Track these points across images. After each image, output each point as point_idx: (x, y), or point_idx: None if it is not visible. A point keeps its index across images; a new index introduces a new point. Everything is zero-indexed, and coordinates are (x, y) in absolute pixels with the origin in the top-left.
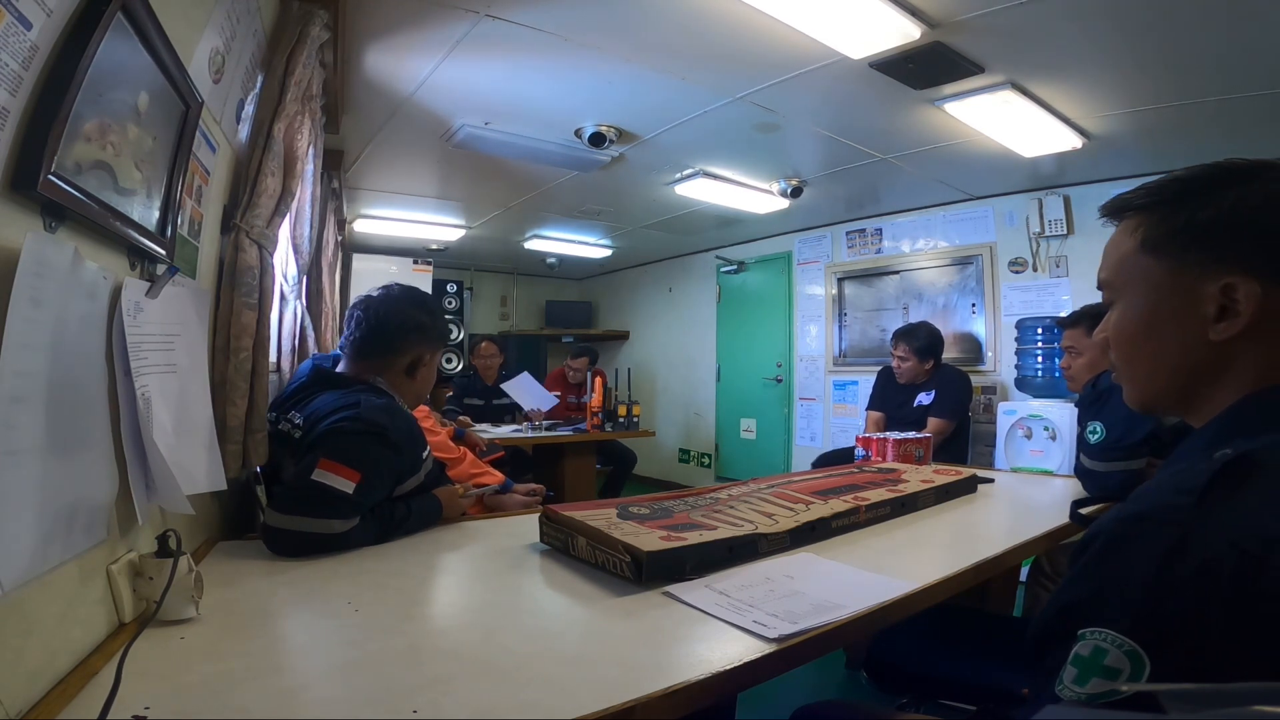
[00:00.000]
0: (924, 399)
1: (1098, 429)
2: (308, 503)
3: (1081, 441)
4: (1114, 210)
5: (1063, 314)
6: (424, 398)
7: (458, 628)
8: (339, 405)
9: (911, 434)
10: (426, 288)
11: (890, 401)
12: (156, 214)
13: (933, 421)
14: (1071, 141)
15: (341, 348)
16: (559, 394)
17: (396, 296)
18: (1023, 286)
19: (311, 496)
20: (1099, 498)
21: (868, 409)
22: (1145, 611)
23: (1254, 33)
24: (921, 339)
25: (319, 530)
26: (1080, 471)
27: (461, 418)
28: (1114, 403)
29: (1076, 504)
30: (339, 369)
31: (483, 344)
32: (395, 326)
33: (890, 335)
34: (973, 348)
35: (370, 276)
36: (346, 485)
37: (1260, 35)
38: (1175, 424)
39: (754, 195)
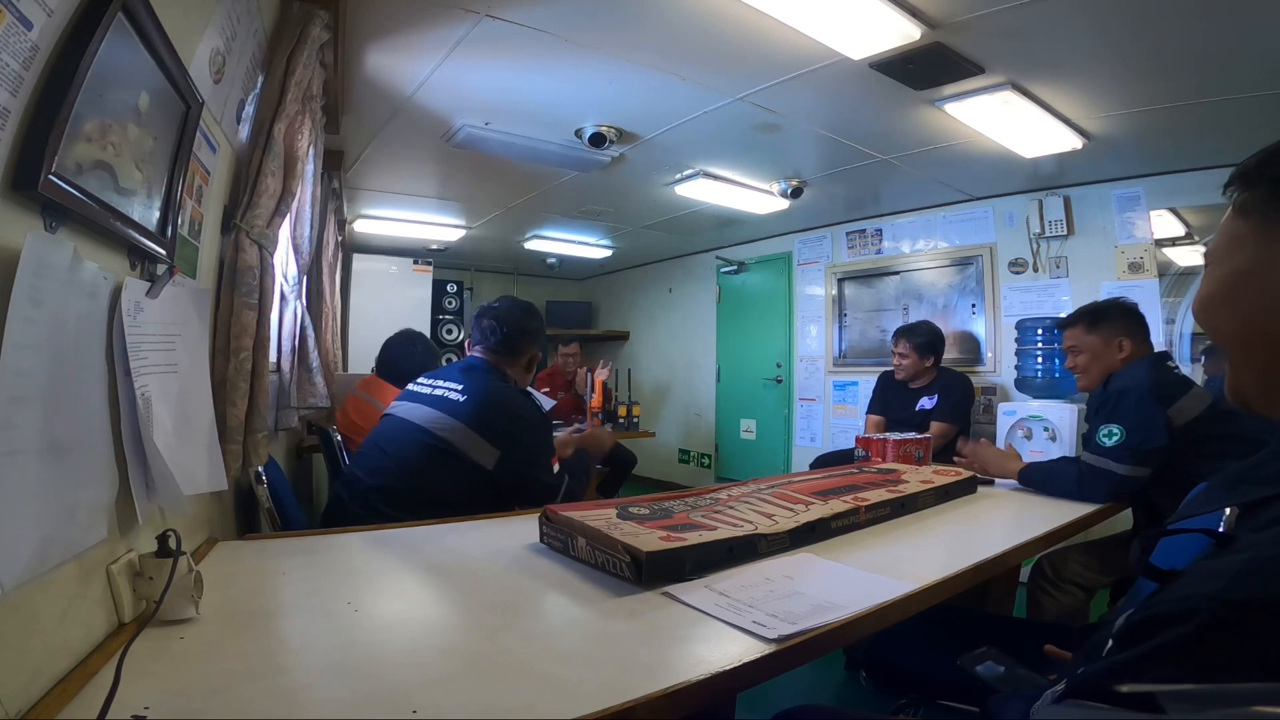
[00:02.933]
0: (926, 403)
1: (1115, 431)
2: (550, 488)
3: (1091, 443)
4: (1227, 183)
5: (1063, 314)
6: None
7: (457, 628)
8: (506, 395)
9: (911, 435)
10: (427, 288)
11: (892, 405)
12: (157, 214)
13: (935, 425)
14: (1072, 142)
15: (475, 344)
16: (547, 390)
17: (520, 308)
18: (1023, 287)
19: (550, 484)
20: (1100, 500)
21: (868, 413)
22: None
23: (1255, 33)
24: (922, 336)
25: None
26: (1091, 473)
27: None
28: (1127, 405)
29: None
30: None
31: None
32: (521, 333)
33: (890, 335)
34: (973, 348)
35: (370, 277)
36: (554, 467)
37: (1262, 35)
38: (1184, 424)
39: (754, 196)
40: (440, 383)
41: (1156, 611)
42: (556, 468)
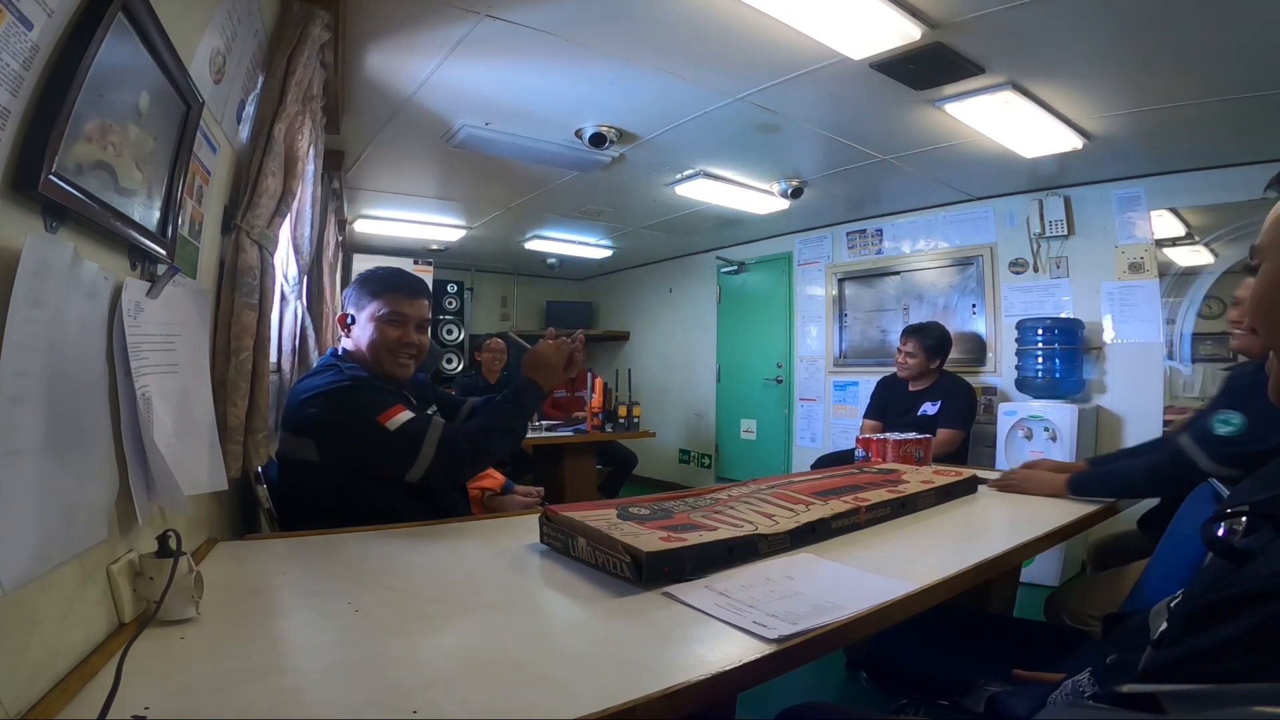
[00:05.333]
0: (929, 408)
1: (1233, 420)
2: (404, 436)
3: (1200, 425)
4: (1268, 185)
5: (1063, 314)
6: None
7: (458, 628)
8: (304, 385)
9: (912, 435)
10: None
11: (891, 410)
12: (157, 214)
13: (945, 433)
14: (1072, 142)
15: None
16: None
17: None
18: (1023, 287)
19: (398, 438)
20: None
21: (865, 418)
22: None
23: (1256, 33)
24: (933, 338)
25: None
26: (1179, 458)
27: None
28: (1261, 396)
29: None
30: None
31: (491, 340)
32: (343, 304)
33: (890, 335)
34: (973, 348)
35: None
36: (396, 418)
37: (1262, 35)
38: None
39: (754, 196)
40: None
41: (1243, 590)
42: (404, 416)
